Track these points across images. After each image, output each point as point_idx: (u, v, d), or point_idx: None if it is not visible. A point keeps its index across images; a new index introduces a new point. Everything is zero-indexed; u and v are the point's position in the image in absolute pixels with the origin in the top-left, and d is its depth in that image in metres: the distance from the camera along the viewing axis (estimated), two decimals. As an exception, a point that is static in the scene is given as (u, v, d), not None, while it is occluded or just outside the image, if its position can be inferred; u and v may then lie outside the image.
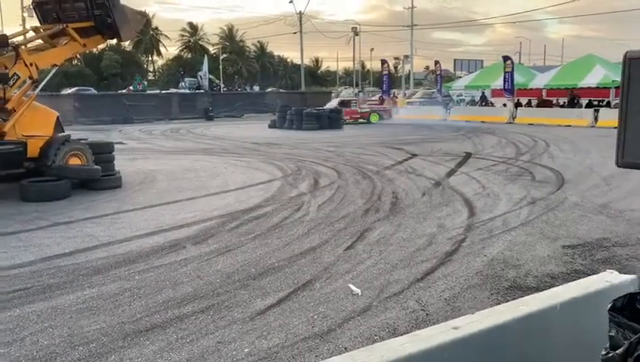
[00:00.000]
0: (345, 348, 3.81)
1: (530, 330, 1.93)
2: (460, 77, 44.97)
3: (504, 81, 28.28)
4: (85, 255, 6.06)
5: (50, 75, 11.20)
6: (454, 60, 55.60)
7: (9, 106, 9.57)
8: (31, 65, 9.79)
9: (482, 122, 27.29)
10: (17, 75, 9.63)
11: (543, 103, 29.66)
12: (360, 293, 4.84)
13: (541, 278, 5.23)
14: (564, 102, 29.27)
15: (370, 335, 4.05)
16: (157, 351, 3.82)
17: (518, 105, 29.09)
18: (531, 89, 30.20)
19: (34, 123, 9.98)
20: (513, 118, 27.38)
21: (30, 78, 9.90)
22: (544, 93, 31.44)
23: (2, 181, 9.85)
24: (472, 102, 34.83)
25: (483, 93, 33.26)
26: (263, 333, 4.08)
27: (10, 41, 9.75)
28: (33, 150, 9.70)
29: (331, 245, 6.40)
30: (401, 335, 1.77)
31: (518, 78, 28.90)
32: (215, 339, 3.99)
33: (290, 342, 3.95)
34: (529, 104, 30.40)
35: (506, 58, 29.20)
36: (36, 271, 5.55)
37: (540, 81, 29.73)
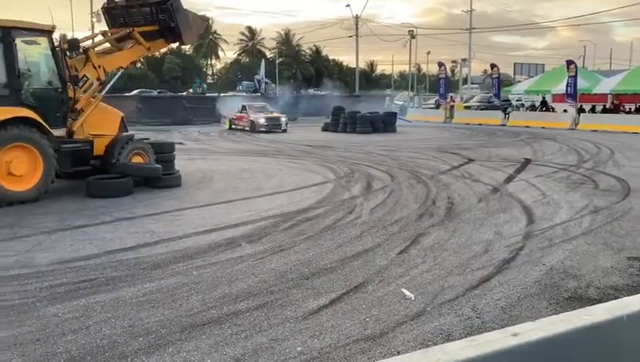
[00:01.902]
0: (397, 352, 3.79)
1: (594, 341, 1.86)
2: (520, 81, 43.71)
3: (567, 86, 27.29)
4: (146, 250, 6.29)
5: (116, 77, 11.72)
6: (514, 64, 53.90)
7: (78, 106, 10.06)
8: (99, 67, 10.28)
9: (542, 128, 26.44)
10: (86, 77, 10.12)
11: (616, 108, 28.34)
12: (413, 298, 4.80)
13: (604, 290, 5.02)
14: (630, 109, 27.96)
15: (424, 340, 4.01)
16: (213, 345, 3.92)
17: (581, 110, 28.03)
18: (595, 94, 29.03)
19: (100, 123, 10.46)
20: (575, 124, 26.39)
21: (98, 79, 10.39)
22: (609, 98, 30.15)
23: (70, 177, 10.37)
24: (532, 108, 33.81)
25: (544, 98, 32.24)
26: (316, 333, 4.11)
27: (80, 44, 10.26)
28: (99, 148, 10.16)
29: (384, 248, 6.37)
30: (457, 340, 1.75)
31: (582, 83, 27.84)
32: (269, 336, 4.06)
33: (343, 343, 3.96)
34: (593, 110, 29.22)
35: (569, 62, 28.19)
36: (100, 263, 5.80)
37: (606, 86, 28.53)
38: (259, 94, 42.64)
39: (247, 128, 26.23)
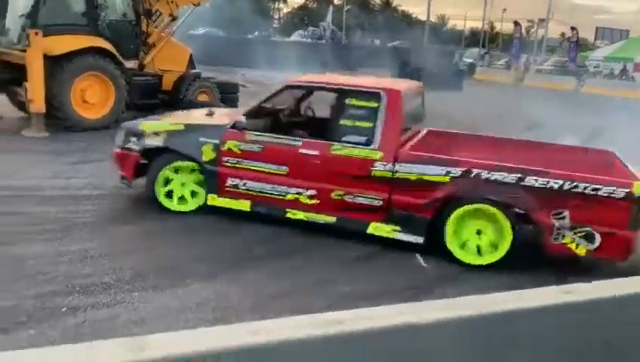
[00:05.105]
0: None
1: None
2: (600, 47, 41.16)
3: (653, 55, 25.52)
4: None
5: (188, 14, 11.84)
6: (596, 28, 50.51)
7: (150, 40, 10.31)
8: (172, 2, 10.43)
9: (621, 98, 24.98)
10: (159, 12, 10.30)
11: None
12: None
13: None
14: None
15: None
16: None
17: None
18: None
19: (170, 58, 10.68)
20: (656, 96, 24.76)
21: (170, 15, 10.55)
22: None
23: (138, 109, 10.73)
24: (611, 75, 31.93)
25: (625, 65, 30.33)
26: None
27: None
28: (167, 83, 10.44)
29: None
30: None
31: (670, 52, 25.95)
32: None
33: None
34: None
35: (658, 29, 26.21)
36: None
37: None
38: (323, 42, 42.06)
39: None
